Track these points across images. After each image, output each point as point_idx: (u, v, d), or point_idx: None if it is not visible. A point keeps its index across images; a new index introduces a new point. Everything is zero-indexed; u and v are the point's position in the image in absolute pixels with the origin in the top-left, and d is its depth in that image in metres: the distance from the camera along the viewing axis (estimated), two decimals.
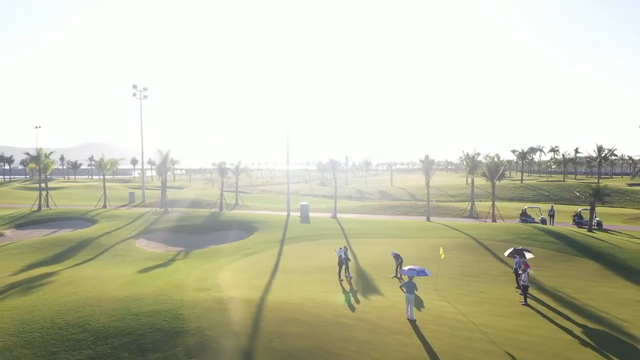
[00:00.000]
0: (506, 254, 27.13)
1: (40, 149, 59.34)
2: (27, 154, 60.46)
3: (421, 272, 20.63)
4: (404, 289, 19.77)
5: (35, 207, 59.90)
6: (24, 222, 50.96)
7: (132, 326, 17.18)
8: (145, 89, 74.18)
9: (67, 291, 23.37)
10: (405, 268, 21.13)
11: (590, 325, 20.03)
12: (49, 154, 62.40)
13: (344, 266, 26.54)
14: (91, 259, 34.73)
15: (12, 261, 33.00)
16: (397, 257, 27.39)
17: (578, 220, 46.27)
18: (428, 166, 52.46)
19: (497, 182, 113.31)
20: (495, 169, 49.62)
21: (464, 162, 60.45)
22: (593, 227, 43.35)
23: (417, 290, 20.02)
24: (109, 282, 25.54)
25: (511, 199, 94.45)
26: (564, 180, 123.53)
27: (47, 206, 62.92)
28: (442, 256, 25.42)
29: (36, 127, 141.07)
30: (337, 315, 18.96)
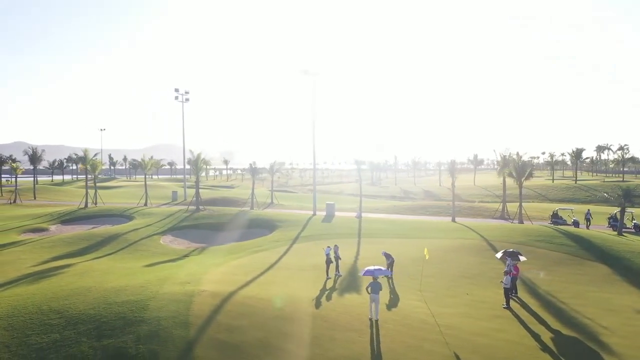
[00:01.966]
0: (498, 256, 26.30)
1: (86, 150, 63.74)
2: (75, 154, 64.91)
3: (385, 272, 20.53)
4: (369, 290, 19.65)
5: (82, 205, 64.41)
6: (69, 218, 54.98)
7: (102, 314, 18.46)
8: (187, 92, 77.65)
9: (69, 281, 25.33)
10: (371, 268, 21.03)
11: (564, 331, 19.17)
12: (95, 155, 66.85)
13: (332, 264, 26.81)
14: (113, 253, 37.11)
15: (41, 253, 35.98)
16: (387, 256, 27.27)
17: (613, 222, 43.61)
18: (453, 167, 51.61)
19: (551, 183, 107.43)
20: (522, 169, 47.73)
21: (495, 161, 58.56)
22: (629, 229, 40.79)
23: (382, 290, 19.95)
24: (111, 274, 27.35)
25: (562, 200, 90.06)
26: (622, 181, 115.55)
27: (95, 203, 67.43)
28: (427, 257, 25.07)
29: (101, 129, 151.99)
30: (297, 311, 19.32)
